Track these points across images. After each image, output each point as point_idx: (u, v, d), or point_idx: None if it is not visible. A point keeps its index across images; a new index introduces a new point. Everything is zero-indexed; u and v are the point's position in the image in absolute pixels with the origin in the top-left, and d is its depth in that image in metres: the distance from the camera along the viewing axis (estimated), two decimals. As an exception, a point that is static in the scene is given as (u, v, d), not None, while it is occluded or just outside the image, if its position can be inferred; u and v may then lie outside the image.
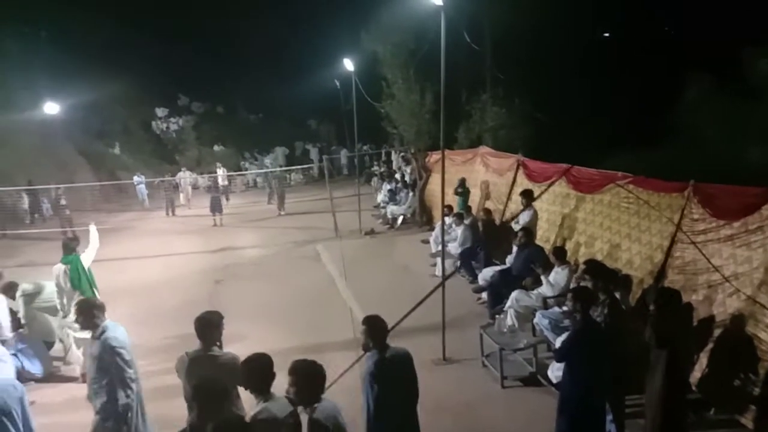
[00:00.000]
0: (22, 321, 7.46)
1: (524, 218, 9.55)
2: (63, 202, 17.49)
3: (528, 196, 9.70)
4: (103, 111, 28.12)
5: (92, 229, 7.96)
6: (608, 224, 8.27)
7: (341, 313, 9.12)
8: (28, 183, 19.94)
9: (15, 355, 6.84)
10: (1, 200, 18.27)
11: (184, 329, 8.15)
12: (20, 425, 4.03)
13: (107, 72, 25.76)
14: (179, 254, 14.46)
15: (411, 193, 16.29)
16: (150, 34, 30.27)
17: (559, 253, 7.65)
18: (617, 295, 5.82)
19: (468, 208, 11.87)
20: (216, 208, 18.32)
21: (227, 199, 22.95)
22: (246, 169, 28.68)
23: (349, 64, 14.99)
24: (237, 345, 5.21)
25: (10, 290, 7.42)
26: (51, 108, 23.25)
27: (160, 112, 32.24)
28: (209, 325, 4.30)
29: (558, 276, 7.42)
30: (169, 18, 30.72)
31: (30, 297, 7.52)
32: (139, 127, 31.08)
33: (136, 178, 22.96)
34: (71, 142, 25.77)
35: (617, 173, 8.09)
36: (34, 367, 7.25)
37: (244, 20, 32.06)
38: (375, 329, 4.27)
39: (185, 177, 23.84)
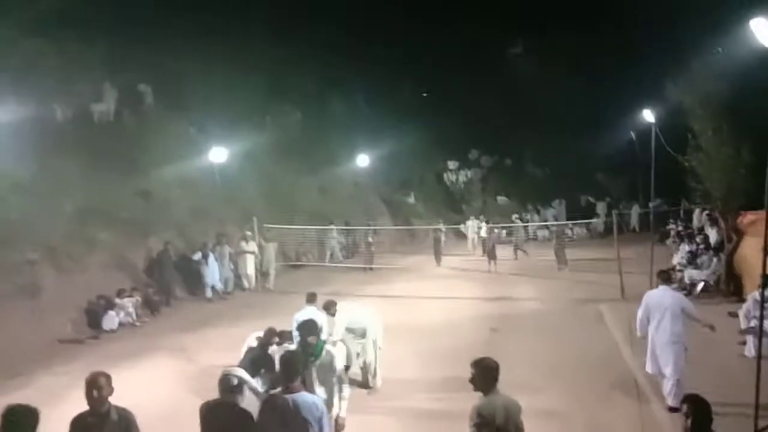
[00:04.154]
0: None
1: None
2: (370, 239, 20.81)
3: None
4: (403, 163, 31.43)
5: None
6: None
7: (625, 383, 8.34)
8: (345, 223, 23.39)
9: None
10: (319, 238, 21.69)
11: (460, 372, 8.49)
12: None
13: (408, 129, 28.94)
14: (458, 298, 15.09)
15: (716, 258, 14.19)
16: (449, 93, 33.26)
17: None
18: None
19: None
20: (491, 255, 19.33)
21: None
22: (527, 221, 28.69)
23: (648, 115, 14.09)
24: (524, 398, 5.06)
25: (330, 307, 8.43)
26: (363, 160, 27.13)
27: (452, 164, 34.65)
28: (490, 371, 4.45)
29: None
30: (465, 78, 33.39)
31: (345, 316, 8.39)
32: (433, 178, 33.90)
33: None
34: (376, 191, 29.44)
35: None
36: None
37: (539, 78, 33.06)
38: (702, 413, 3.74)
39: (472, 225, 25.00)
